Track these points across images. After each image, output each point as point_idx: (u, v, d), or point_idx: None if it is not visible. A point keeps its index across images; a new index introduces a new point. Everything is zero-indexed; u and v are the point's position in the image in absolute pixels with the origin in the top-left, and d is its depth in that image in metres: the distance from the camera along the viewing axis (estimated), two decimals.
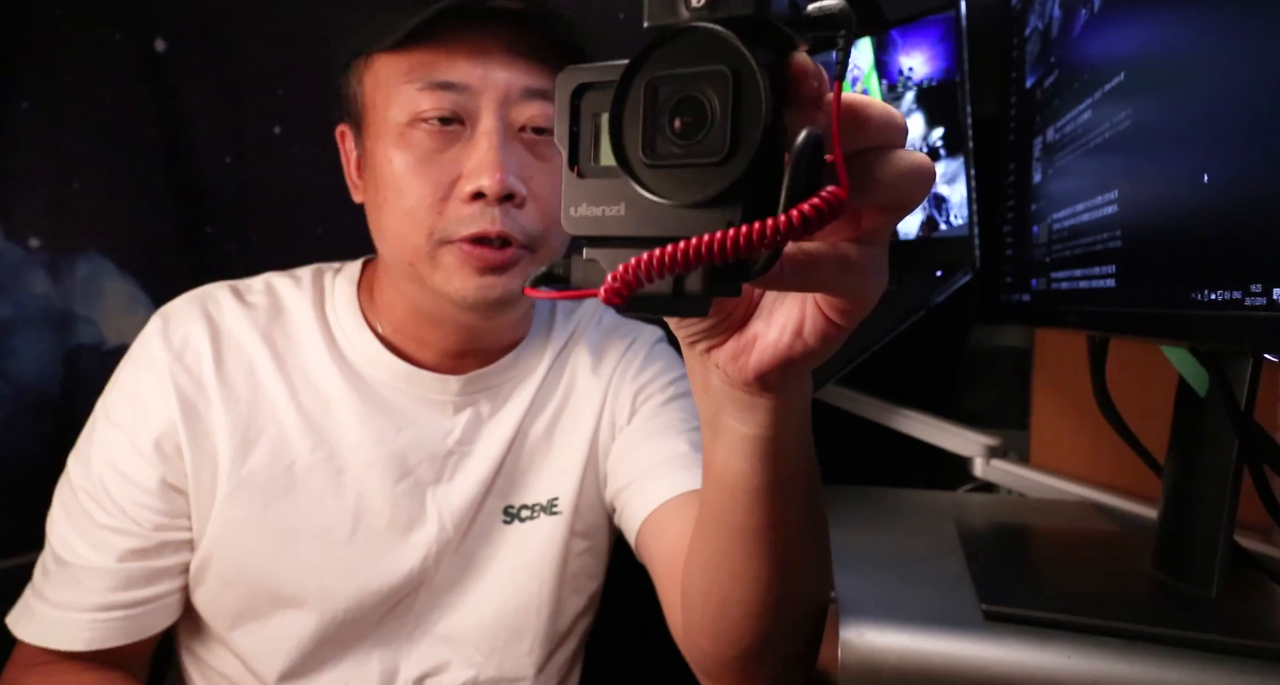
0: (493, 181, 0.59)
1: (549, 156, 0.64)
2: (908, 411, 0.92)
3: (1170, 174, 0.44)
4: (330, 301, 0.70)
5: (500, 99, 0.61)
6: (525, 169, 0.62)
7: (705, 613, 0.51)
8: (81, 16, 0.98)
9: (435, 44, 0.60)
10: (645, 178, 0.28)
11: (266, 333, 0.67)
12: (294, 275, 0.73)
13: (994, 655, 0.44)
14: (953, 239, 0.87)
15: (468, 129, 0.61)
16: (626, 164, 0.28)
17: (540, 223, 0.63)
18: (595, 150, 0.29)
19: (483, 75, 0.60)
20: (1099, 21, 0.54)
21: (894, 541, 0.62)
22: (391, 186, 0.62)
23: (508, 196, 0.61)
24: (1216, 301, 0.39)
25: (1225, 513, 0.47)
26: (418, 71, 0.60)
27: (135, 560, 0.63)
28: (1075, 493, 0.79)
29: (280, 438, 0.65)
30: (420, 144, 0.61)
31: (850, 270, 0.31)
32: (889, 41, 0.93)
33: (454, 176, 0.61)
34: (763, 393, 0.37)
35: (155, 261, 1.03)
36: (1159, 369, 0.54)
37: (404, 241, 0.63)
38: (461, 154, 0.61)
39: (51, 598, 0.62)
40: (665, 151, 0.27)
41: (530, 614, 0.71)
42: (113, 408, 0.65)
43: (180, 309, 0.68)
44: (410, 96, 0.61)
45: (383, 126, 0.62)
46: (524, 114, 0.62)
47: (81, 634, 0.61)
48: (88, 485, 0.64)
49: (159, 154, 1.04)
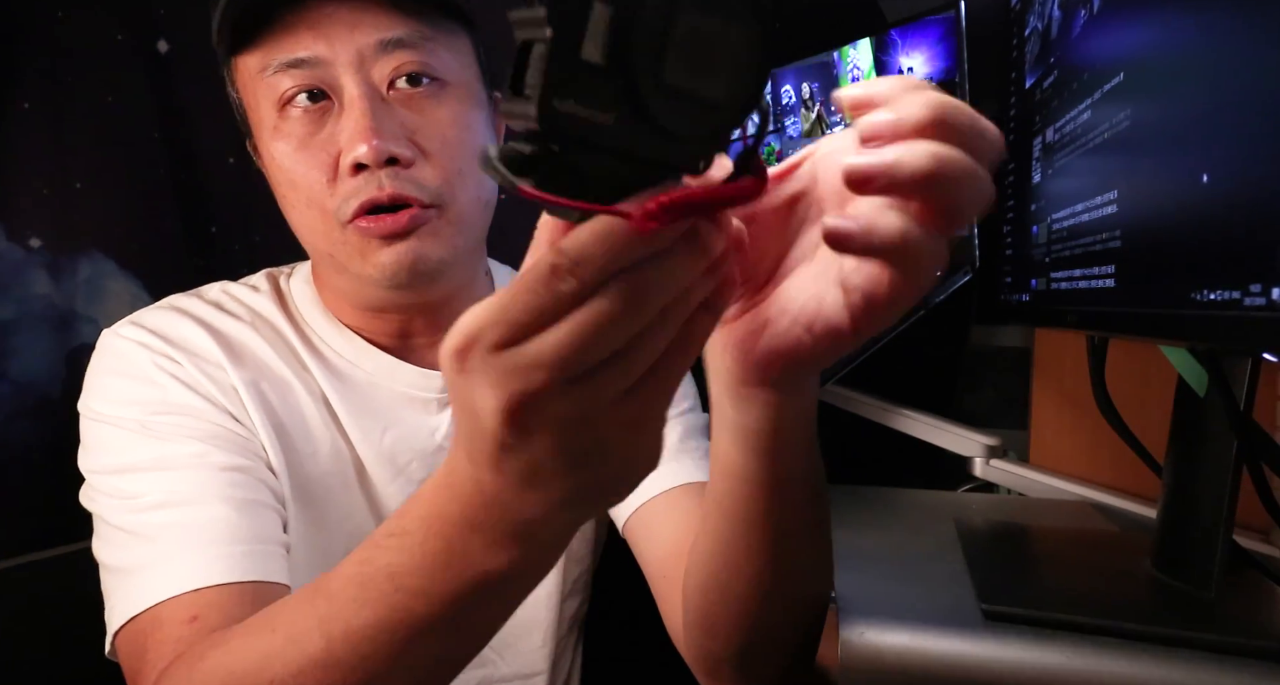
0: (369, 149, 0.56)
1: (431, 106, 0.60)
2: (908, 411, 0.92)
3: (1169, 174, 0.44)
4: (293, 305, 0.69)
5: (354, 62, 0.58)
6: (407, 126, 0.59)
7: (703, 607, 0.51)
8: (83, 17, 0.98)
9: (276, 27, 0.58)
10: (650, 96, 0.27)
11: (264, 335, 0.66)
12: (248, 283, 0.70)
13: (994, 655, 0.44)
14: (952, 239, 0.87)
15: (336, 102, 0.59)
16: (631, 72, 0.26)
17: (439, 177, 0.60)
18: (580, 37, 0.26)
19: (328, 43, 0.58)
20: (1098, 22, 0.54)
21: (894, 541, 0.62)
22: (285, 181, 0.60)
23: (390, 161, 0.58)
24: (1215, 301, 0.39)
25: (1224, 513, 0.47)
26: (268, 59, 0.58)
27: (240, 472, 0.58)
28: (1075, 493, 0.79)
29: (304, 447, 0.64)
30: (295, 130, 0.59)
31: (909, 238, 0.30)
32: (889, 41, 0.93)
33: (335, 154, 0.59)
34: (761, 386, 0.37)
35: (157, 262, 1.03)
36: (1159, 369, 0.54)
37: (314, 232, 0.61)
38: (336, 129, 0.59)
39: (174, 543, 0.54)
40: (675, 76, 0.27)
41: (540, 606, 0.70)
42: (153, 421, 0.58)
43: (162, 318, 0.64)
44: (269, 85, 0.59)
45: (262, 125, 0.61)
46: (387, 67, 0.59)
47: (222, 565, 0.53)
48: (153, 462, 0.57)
49: (161, 154, 1.04)
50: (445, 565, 0.35)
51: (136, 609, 0.52)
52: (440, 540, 0.35)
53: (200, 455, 0.57)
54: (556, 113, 0.25)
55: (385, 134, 0.57)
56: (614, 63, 0.26)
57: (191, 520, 0.54)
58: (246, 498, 0.57)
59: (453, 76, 0.62)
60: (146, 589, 0.52)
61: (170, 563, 0.53)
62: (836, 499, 0.73)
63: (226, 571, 0.52)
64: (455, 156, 0.61)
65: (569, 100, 0.26)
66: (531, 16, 0.25)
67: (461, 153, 0.61)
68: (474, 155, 0.62)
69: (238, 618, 0.47)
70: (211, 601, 0.51)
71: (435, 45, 0.60)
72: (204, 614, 0.50)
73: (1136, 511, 0.73)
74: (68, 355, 0.99)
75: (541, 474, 0.30)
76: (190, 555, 0.53)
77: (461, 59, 0.63)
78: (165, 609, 0.51)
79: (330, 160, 0.59)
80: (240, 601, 0.51)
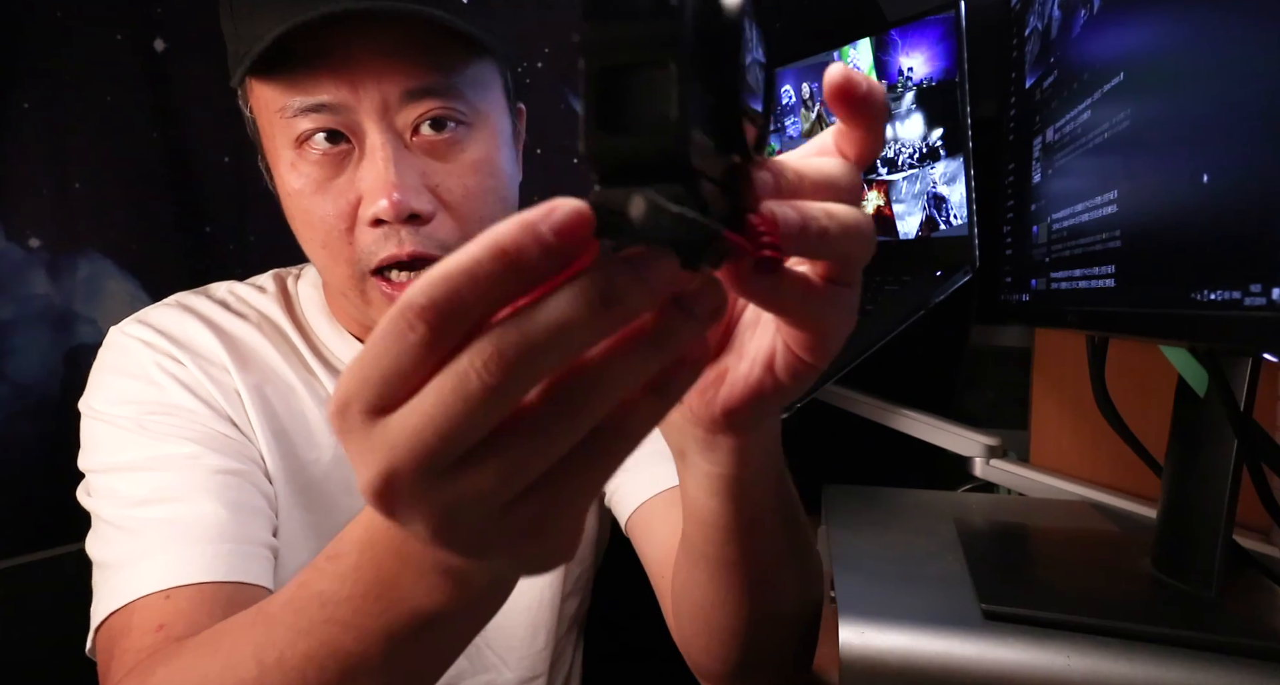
0: (390, 205, 0.54)
1: (454, 154, 0.58)
2: (908, 411, 0.92)
3: (1169, 174, 0.44)
4: (300, 309, 0.68)
5: (379, 110, 0.55)
6: (429, 176, 0.57)
7: (694, 630, 0.51)
8: (82, 16, 0.98)
9: (297, 65, 0.54)
10: (738, 119, 0.25)
11: (270, 338, 0.66)
12: (254, 283, 0.70)
13: (994, 655, 0.44)
14: (952, 239, 0.87)
15: (356, 147, 0.56)
16: (734, 102, 0.24)
17: (458, 232, 0.58)
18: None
19: (352, 89, 0.54)
20: (1098, 22, 0.53)
21: (894, 541, 0.62)
22: (300, 219, 0.59)
23: (412, 217, 0.56)
24: (1216, 301, 0.39)
25: (1225, 512, 0.47)
26: (286, 99, 0.55)
27: (231, 476, 0.58)
28: (1075, 493, 0.79)
29: (306, 452, 0.64)
30: (313, 172, 0.57)
31: (814, 300, 0.29)
32: (889, 41, 0.93)
33: (354, 200, 0.57)
34: (726, 431, 0.36)
35: (155, 261, 1.03)
36: (1159, 369, 0.54)
37: (331, 273, 0.60)
38: (356, 176, 0.56)
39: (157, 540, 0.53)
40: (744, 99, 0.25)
41: (544, 608, 0.70)
42: (148, 419, 0.58)
43: (169, 316, 0.64)
44: (286, 124, 0.56)
45: (278, 156, 0.58)
46: (412, 115, 0.56)
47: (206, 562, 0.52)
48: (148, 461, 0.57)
49: (159, 154, 1.04)
50: (376, 597, 0.32)
51: (113, 607, 0.51)
52: (372, 569, 0.32)
53: (193, 456, 0.57)
54: (694, 143, 0.22)
55: (407, 188, 0.55)
56: (723, 92, 0.24)
57: (178, 517, 0.54)
58: (236, 499, 0.56)
59: (478, 118, 0.59)
60: (124, 585, 0.52)
61: (152, 558, 0.52)
62: (836, 499, 0.73)
63: (207, 570, 0.52)
64: (477, 206, 0.59)
65: (697, 130, 0.22)
66: (644, 35, 0.21)
67: (484, 201, 0.59)
68: (497, 203, 0.60)
69: (206, 626, 0.45)
70: (181, 609, 0.50)
71: (462, 88, 0.58)
72: (171, 623, 0.49)
73: (1136, 511, 0.73)
74: (66, 355, 0.99)
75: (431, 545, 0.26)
76: (172, 551, 0.52)
77: (489, 95, 0.61)
78: (138, 610, 0.50)
79: (349, 207, 0.57)
80: (214, 603, 0.51)
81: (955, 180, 0.86)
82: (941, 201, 0.88)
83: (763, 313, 0.34)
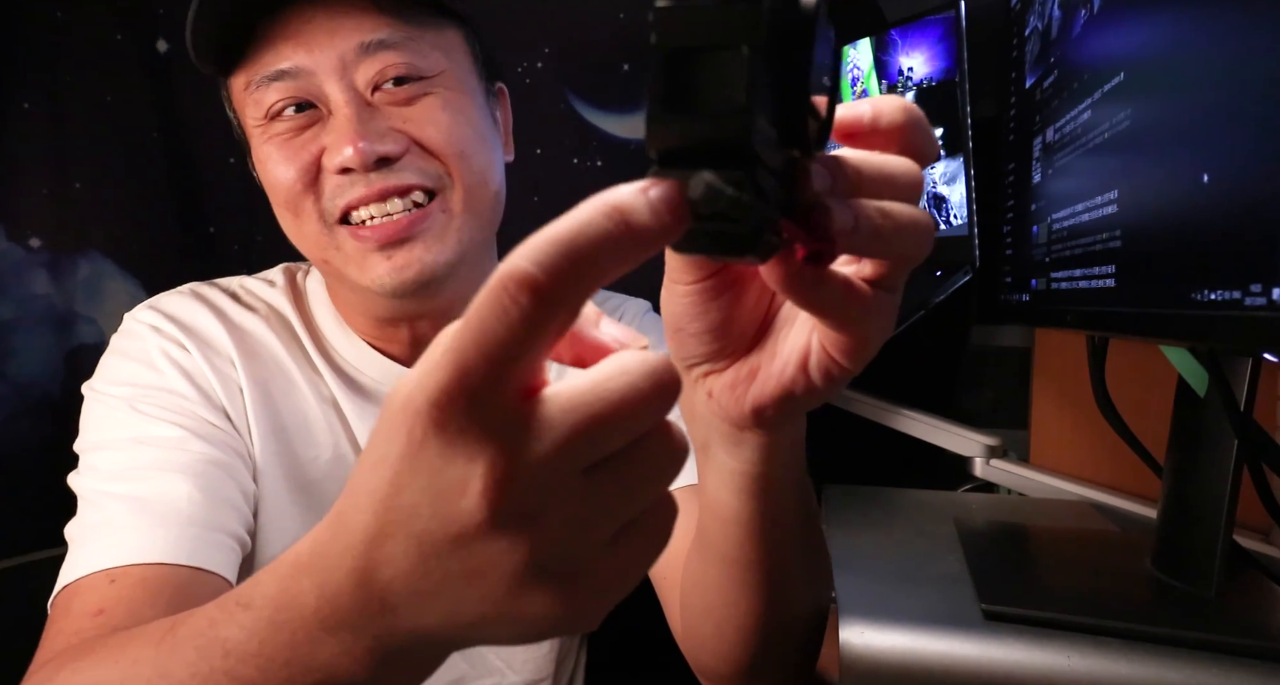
0: (354, 152, 0.55)
1: (420, 99, 0.59)
2: (908, 411, 0.92)
3: (1170, 174, 0.44)
4: (309, 304, 0.68)
5: (337, 68, 0.56)
6: (396, 120, 0.58)
7: (703, 632, 0.51)
8: (83, 16, 0.98)
9: (257, 43, 0.57)
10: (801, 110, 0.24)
11: (277, 332, 0.66)
12: (264, 277, 0.70)
13: (994, 655, 0.44)
14: (952, 239, 0.87)
15: (324, 109, 0.58)
16: (801, 83, 0.24)
17: (437, 160, 0.59)
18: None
19: (308, 51, 0.56)
20: (1098, 22, 0.53)
21: (894, 541, 0.62)
22: (270, 185, 0.59)
23: (381, 161, 0.56)
24: (1216, 301, 0.39)
25: (1225, 513, 0.47)
26: (251, 75, 0.58)
27: (210, 465, 0.57)
28: (1075, 493, 0.79)
29: (305, 450, 0.64)
30: (281, 134, 0.58)
31: (855, 302, 0.29)
32: (889, 41, 0.93)
33: (316, 153, 0.58)
34: (754, 428, 0.36)
35: (156, 262, 1.04)
36: (1159, 369, 0.54)
37: (305, 236, 0.60)
38: (322, 131, 0.58)
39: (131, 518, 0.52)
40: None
41: None
42: (140, 399, 0.58)
43: (180, 303, 0.64)
44: (255, 100, 0.58)
45: (252, 134, 0.60)
46: (371, 71, 0.57)
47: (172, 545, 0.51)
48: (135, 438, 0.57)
49: (161, 154, 1.04)
50: (284, 663, 0.28)
51: (64, 582, 0.51)
52: (285, 632, 0.28)
53: (178, 440, 0.57)
54: (758, 130, 0.21)
55: (371, 134, 0.56)
56: (790, 84, 0.23)
57: (149, 495, 0.53)
58: (212, 488, 0.56)
59: (443, 77, 0.60)
60: (79, 561, 0.51)
61: (113, 534, 0.51)
62: (836, 499, 0.73)
63: (167, 551, 0.50)
64: (452, 140, 0.59)
65: (761, 117, 0.22)
66: (720, 18, 0.21)
67: (459, 136, 0.59)
68: (473, 140, 0.60)
69: (150, 616, 0.43)
70: (123, 594, 0.48)
71: (420, 43, 0.58)
72: (111, 609, 0.48)
73: (1136, 511, 0.73)
74: (67, 355, 0.99)
75: (480, 581, 0.23)
76: (135, 529, 0.51)
77: (451, 54, 0.61)
78: (81, 591, 0.49)
79: (311, 158, 0.58)
80: (165, 587, 0.49)
81: (955, 180, 0.86)
82: (941, 201, 0.88)
83: (799, 311, 0.34)
